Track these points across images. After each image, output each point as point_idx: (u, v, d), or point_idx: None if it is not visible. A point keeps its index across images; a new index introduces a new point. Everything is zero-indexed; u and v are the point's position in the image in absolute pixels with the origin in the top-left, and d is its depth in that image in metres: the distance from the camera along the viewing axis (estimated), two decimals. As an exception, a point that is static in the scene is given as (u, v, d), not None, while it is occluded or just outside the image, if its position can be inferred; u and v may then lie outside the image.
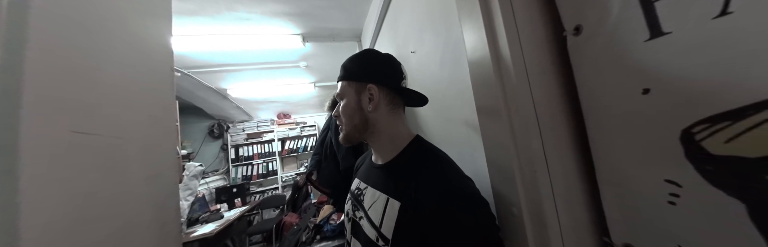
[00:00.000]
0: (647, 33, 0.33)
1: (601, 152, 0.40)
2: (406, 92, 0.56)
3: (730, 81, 0.27)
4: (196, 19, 1.65)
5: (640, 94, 0.34)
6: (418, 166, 0.47)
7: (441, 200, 0.40)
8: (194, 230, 2.12)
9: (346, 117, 0.54)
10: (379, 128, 0.53)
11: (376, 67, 0.55)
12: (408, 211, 0.42)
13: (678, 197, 0.31)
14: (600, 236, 0.40)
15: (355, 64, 0.56)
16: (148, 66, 0.70)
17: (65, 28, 0.46)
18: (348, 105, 0.54)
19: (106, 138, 0.51)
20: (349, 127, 0.54)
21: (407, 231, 0.42)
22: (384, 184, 0.50)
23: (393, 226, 0.43)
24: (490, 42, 0.44)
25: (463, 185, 0.43)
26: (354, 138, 0.55)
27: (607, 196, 0.40)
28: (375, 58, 0.56)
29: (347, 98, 0.54)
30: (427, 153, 0.50)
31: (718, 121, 0.28)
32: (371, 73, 0.54)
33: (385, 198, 0.47)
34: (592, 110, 0.40)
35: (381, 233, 0.45)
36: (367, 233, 0.48)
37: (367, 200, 0.52)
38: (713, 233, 0.29)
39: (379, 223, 0.46)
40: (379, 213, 0.47)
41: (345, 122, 0.54)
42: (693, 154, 0.30)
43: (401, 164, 0.50)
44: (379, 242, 0.45)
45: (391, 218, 0.44)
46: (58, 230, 0.40)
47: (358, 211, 0.54)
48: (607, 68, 0.37)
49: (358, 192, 0.57)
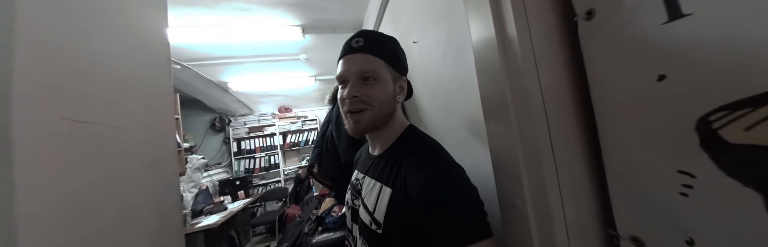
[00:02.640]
0: (665, 15, 0.31)
1: (611, 142, 0.38)
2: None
3: (754, 66, 0.25)
4: (194, 9, 1.62)
5: (655, 80, 0.32)
6: (407, 153, 0.49)
7: (424, 189, 0.41)
8: (198, 222, 2.16)
9: (383, 102, 0.50)
10: (394, 119, 0.54)
11: (406, 60, 0.58)
12: (398, 197, 0.44)
13: (691, 189, 0.30)
14: (606, 228, 0.39)
15: (397, 50, 0.55)
16: (143, 56, 0.68)
17: (57, 17, 0.45)
18: (386, 91, 0.50)
19: (102, 127, 0.50)
20: (381, 113, 0.50)
21: (397, 217, 0.43)
22: (378, 173, 0.52)
23: (384, 211, 0.45)
24: (497, 28, 0.42)
25: (446, 174, 0.43)
26: (371, 127, 0.51)
27: (615, 187, 0.38)
28: (403, 50, 0.58)
29: (384, 82, 0.50)
30: (416, 141, 0.52)
31: (739, 108, 0.26)
32: (406, 66, 0.57)
33: (379, 186, 0.49)
34: (602, 98, 0.39)
35: (374, 217, 0.47)
36: (363, 219, 0.50)
37: (365, 189, 0.54)
38: (727, 225, 0.28)
39: (373, 208, 0.48)
40: (373, 199, 0.49)
41: (377, 107, 0.49)
42: (709, 143, 0.28)
43: (393, 153, 0.52)
44: (372, 226, 0.47)
45: (383, 203, 0.46)
46: (54, 220, 0.40)
47: (356, 200, 0.56)
48: (620, 54, 0.35)
49: (356, 182, 0.59)
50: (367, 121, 0.49)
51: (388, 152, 0.53)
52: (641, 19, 0.33)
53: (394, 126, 0.55)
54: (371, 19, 1.63)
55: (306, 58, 2.54)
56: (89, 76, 0.50)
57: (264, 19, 1.83)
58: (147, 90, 0.67)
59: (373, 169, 0.54)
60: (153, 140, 0.67)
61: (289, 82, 3.12)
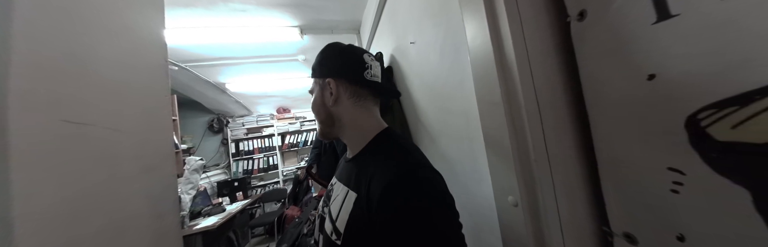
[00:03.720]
0: (654, 16, 0.31)
1: (603, 140, 0.39)
2: (369, 84, 0.51)
3: (740, 64, 0.26)
4: (191, 10, 1.62)
5: (646, 80, 0.33)
6: (377, 153, 0.46)
7: (383, 199, 0.36)
8: (197, 223, 2.15)
9: (315, 113, 0.55)
10: (344, 122, 0.52)
11: (334, 60, 0.53)
12: (362, 204, 0.39)
13: (681, 185, 0.31)
14: (599, 225, 0.40)
15: (316, 60, 0.56)
16: (141, 57, 0.68)
17: (54, 18, 0.45)
18: (314, 101, 0.55)
19: (99, 129, 0.50)
20: (318, 122, 0.55)
21: (358, 226, 0.39)
22: (348, 177, 0.49)
23: (346, 219, 0.41)
24: (491, 29, 0.43)
25: (409, 179, 0.37)
26: (327, 133, 0.55)
27: (607, 185, 0.39)
28: (334, 52, 0.55)
29: (315, 94, 0.55)
30: (390, 144, 0.48)
31: (725, 106, 0.27)
32: (328, 68, 0.53)
33: (346, 191, 0.46)
34: (594, 97, 0.39)
35: (336, 226, 0.43)
36: (325, 228, 0.47)
37: (334, 195, 0.51)
38: (716, 221, 0.29)
39: (336, 216, 0.44)
40: (337, 206, 0.45)
41: (316, 118, 0.55)
42: (698, 141, 0.29)
43: (364, 156, 0.49)
44: (333, 236, 0.42)
45: (347, 210, 0.42)
46: (52, 221, 0.40)
47: (325, 207, 0.52)
48: (611, 54, 0.36)
49: (330, 188, 0.56)
50: (318, 130, 0.56)
51: (359, 155, 0.50)
52: (631, 20, 0.33)
53: (355, 129, 0.51)
54: (369, 20, 1.64)
55: (304, 58, 2.54)
56: (87, 78, 0.50)
57: (262, 20, 1.83)
58: (144, 92, 0.67)
59: (345, 173, 0.52)
60: (151, 142, 0.67)
61: (287, 83, 3.11)
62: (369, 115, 0.53)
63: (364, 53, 0.53)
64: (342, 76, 0.51)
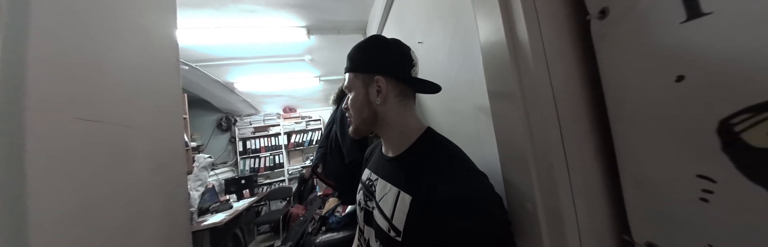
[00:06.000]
0: (684, 14, 0.30)
1: (625, 145, 0.37)
2: (416, 81, 0.52)
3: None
4: (202, 11, 1.64)
5: (674, 82, 0.31)
6: (427, 160, 0.46)
7: (454, 210, 0.38)
8: (205, 219, 2.18)
9: (355, 111, 0.52)
10: (389, 121, 0.51)
11: (382, 56, 0.51)
12: (420, 206, 0.41)
13: (711, 194, 0.29)
14: (620, 233, 0.38)
15: (360, 54, 0.53)
16: (153, 57, 0.69)
17: (69, 19, 0.45)
18: (356, 98, 0.52)
19: (112, 126, 0.51)
20: (358, 120, 0.52)
21: (420, 226, 0.41)
22: (395, 177, 0.49)
23: (404, 219, 0.42)
24: (506, 26, 0.41)
25: (470, 187, 0.41)
26: (364, 131, 0.54)
27: (629, 191, 0.37)
28: (381, 46, 0.52)
29: (355, 91, 0.52)
30: (437, 147, 0.48)
31: (764, 110, 0.25)
32: (378, 64, 0.50)
33: (396, 191, 0.46)
34: (616, 99, 0.38)
35: (393, 224, 0.44)
36: (379, 224, 0.48)
37: (378, 192, 0.51)
38: (749, 232, 0.27)
39: (391, 215, 0.45)
40: (390, 205, 0.46)
41: (354, 116, 0.53)
42: (731, 147, 0.27)
43: (411, 158, 0.49)
44: (391, 232, 0.44)
45: (403, 211, 0.43)
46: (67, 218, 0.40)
47: (370, 201, 0.54)
48: (635, 54, 0.34)
49: (369, 183, 0.57)
50: (354, 127, 0.54)
51: (404, 155, 0.50)
52: (658, 18, 0.32)
53: (399, 128, 0.51)
54: (376, 20, 1.63)
55: (311, 58, 2.55)
56: (101, 77, 0.51)
57: (270, 21, 1.84)
58: (157, 90, 0.68)
59: (388, 172, 0.52)
60: (162, 139, 0.68)
61: (293, 83, 3.13)
62: (412, 114, 0.53)
63: (409, 49, 0.52)
64: (390, 74, 0.49)
